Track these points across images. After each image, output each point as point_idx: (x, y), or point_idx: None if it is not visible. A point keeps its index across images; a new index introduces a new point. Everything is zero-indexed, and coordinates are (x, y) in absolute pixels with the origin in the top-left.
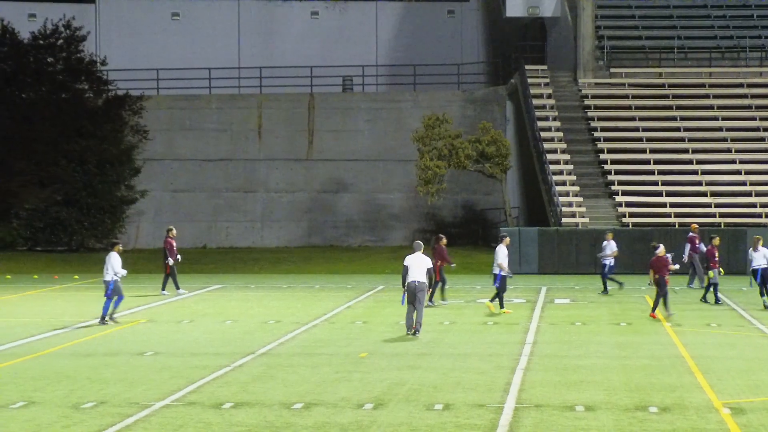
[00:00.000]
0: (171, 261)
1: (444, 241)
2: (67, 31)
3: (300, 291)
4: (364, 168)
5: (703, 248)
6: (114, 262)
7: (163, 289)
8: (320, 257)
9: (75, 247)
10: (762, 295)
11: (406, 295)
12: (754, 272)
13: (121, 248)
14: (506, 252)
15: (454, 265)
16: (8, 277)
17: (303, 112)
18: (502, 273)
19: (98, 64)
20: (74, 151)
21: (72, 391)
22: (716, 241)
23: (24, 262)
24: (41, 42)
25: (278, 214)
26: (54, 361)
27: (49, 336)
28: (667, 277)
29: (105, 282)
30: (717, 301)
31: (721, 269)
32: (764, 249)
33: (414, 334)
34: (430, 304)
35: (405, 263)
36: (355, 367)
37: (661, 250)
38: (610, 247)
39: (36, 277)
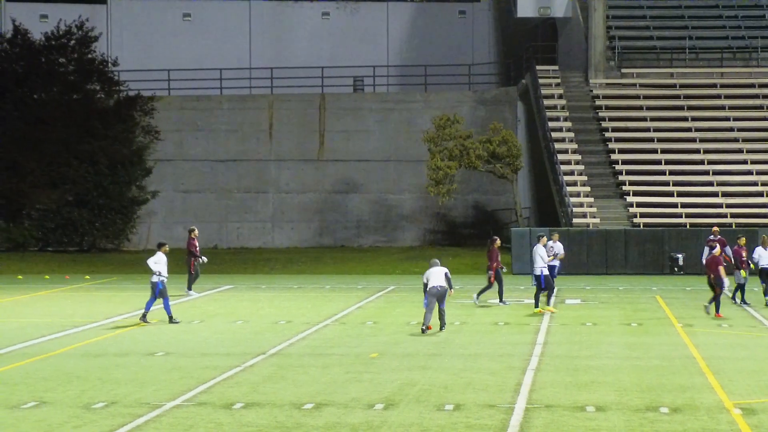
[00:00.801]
0: (203, 259)
1: (498, 243)
2: (79, 32)
3: (311, 291)
4: (374, 168)
5: (729, 250)
6: (160, 262)
7: (189, 288)
8: (331, 258)
9: (86, 247)
10: (765, 294)
11: (428, 297)
12: (762, 271)
13: (167, 249)
14: (545, 251)
15: (504, 268)
16: (20, 277)
17: (314, 113)
18: (544, 272)
19: (110, 65)
20: (85, 152)
21: (83, 392)
22: (742, 241)
23: (35, 263)
24: (53, 43)
25: (289, 214)
26: (65, 362)
27: (60, 336)
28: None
29: (152, 283)
30: (744, 301)
31: (743, 271)
32: None
33: (441, 329)
34: (502, 304)
35: (424, 279)
36: (366, 368)
37: (717, 249)
38: (557, 248)
39: (47, 277)
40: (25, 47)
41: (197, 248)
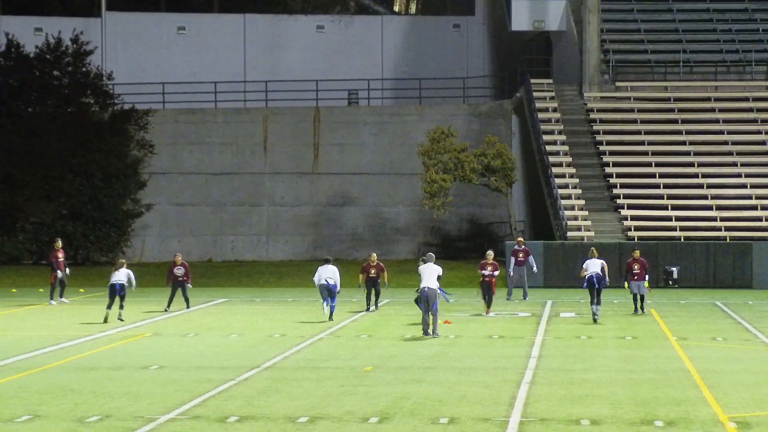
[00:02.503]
0: (62, 273)
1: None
2: (74, 46)
3: (305, 304)
4: (369, 181)
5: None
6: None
7: (50, 298)
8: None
9: (80, 260)
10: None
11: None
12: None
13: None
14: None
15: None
16: (14, 290)
17: (308, 126)
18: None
19: (104, 78)
20: (80, 165)
21: (77, 405)
22: (636, 253)
23: (29, 276)
24: (47, 56)
25: (283, 227)
26: (59, 375)
27: (54, 350)
28: None
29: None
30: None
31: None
32: None
33: (433, 335)
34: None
35: (419, 270)
36: (360, 381)
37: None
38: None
39: (41, 290)
40: (19, 60)
41: (59, 260)
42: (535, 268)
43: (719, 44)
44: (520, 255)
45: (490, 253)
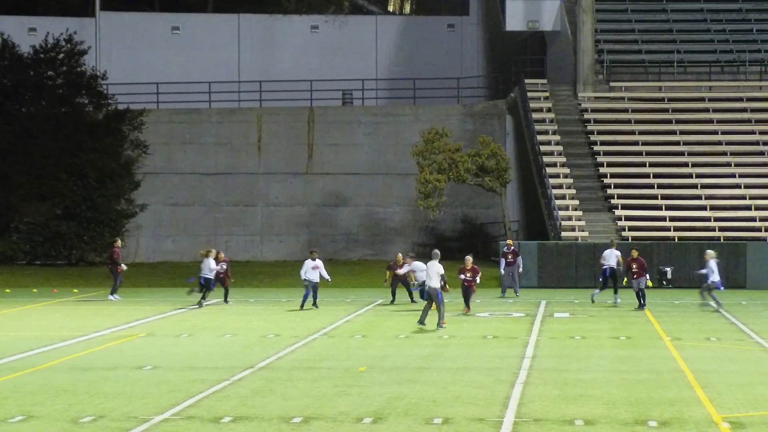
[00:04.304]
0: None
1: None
2: (68, 46)
3: (299, 305)
4: (363, 182)
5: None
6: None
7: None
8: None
9: (74, 261)
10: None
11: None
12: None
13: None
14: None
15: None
16: (8, 291)
17: (303, 126)
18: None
19: (98, 78)
20: (74, 165)
21: (71, 406)
22: (635, 253)
23: (23, 276)
24: (41, 56)
25: (278, 227)
26: (53, 376)
27: (48, 350)
28: None
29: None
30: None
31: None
32: None
33: (438, 327)
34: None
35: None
36: (355, 381)
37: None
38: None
39: (35, 291)
40: (13, 60)
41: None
42: (521, 269)
43: (713, 44)
44: (509, 256)
45: (469, 259)
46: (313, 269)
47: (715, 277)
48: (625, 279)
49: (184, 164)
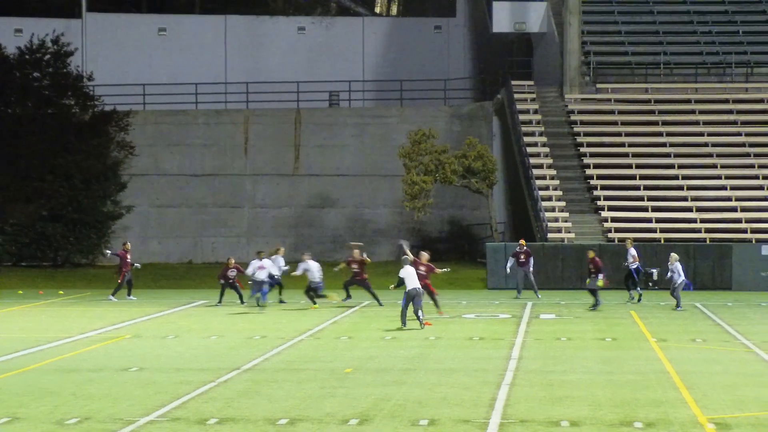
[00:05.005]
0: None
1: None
2: (54, 47)
3: (285, 306)
4: (350, 183)
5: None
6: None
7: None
8: None
9: (60, 262)
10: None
11: (405, 297)
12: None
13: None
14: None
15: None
16: None
17: (289, 127)
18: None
19: (85, 80)
20: (60, 167)
21: (56, 407)
22: (591, 254)
23: (9, 278)
24: (27, 57)
25: (264, 229)
26: (38, 377)
27: (33, 351)
28: None
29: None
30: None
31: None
32: None
33: (421, 327)
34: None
35: (400, 275)
36: (341, 383)
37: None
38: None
39: (21, 292)
40: None
41: (127, 260)
42: (531, 268)
43: (699, 46)
44: (522, 256)
45: (424, 254)
46: (260, 269)
47: (680, 278)
48: (587, 280)
49: (170, 166)
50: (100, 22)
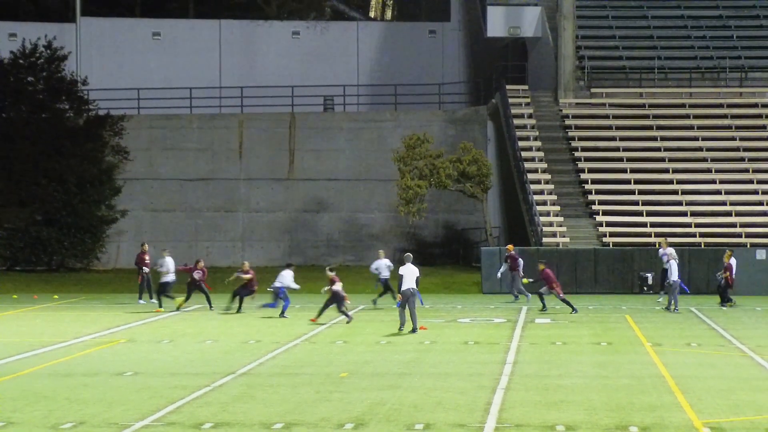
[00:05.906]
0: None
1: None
2: (48, 51)
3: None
4: (344, 187)
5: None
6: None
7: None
8: (301, 277)
9: (55, 266)
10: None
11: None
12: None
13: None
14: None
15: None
16: None
17: (284, 132)
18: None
19: (79, 84)
20: (54, 171)
21: (51, 412)
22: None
23: (3, 282)
24: (21, 62)
25: (259, 233)
26: (33, 382)
27: (28, 356)
28: None
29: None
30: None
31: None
32: None
33: (412, 332)
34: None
35: (400, 272)
36: (336, 387)
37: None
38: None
39: (15, 297)
40: None
41: (145, 262)
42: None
43: (694, 51)
44: (508, 260)
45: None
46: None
47: (673, 276)
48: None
49: (164, 170)
50: (94, 26)
